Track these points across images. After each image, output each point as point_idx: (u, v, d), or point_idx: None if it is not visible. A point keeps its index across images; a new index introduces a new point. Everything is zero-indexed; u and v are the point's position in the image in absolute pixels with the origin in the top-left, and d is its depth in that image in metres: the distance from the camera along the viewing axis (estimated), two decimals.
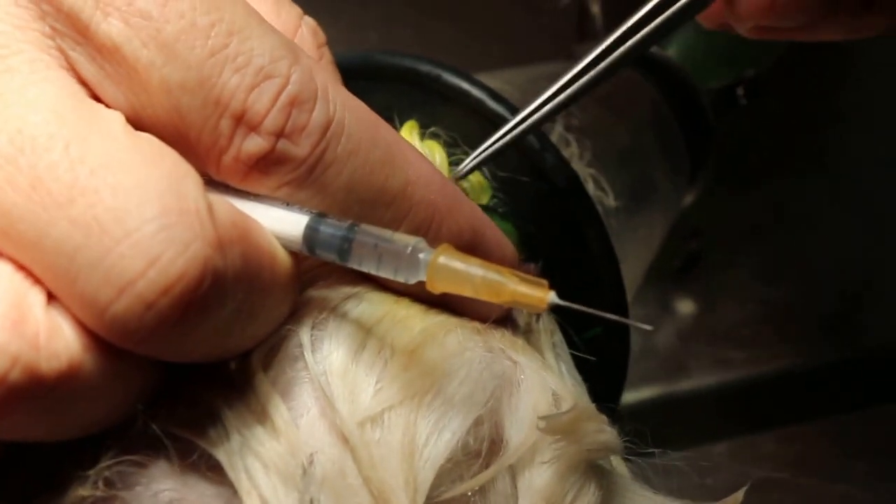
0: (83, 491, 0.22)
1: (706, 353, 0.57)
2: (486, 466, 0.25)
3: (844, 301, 0.61)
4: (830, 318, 0.59)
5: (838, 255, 0.62)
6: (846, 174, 0.66)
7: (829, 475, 0.51)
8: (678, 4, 0.32)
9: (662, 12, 0.32)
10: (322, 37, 0.29)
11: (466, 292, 0.23)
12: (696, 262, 0.60)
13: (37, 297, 0.21)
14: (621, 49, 0.32)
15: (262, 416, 0.24)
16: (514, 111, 0.33)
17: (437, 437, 0.24)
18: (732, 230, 0.63)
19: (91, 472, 0.23)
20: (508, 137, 0.32)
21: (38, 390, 0.20)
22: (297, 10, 0.28)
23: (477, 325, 0.28)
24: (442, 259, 0.23)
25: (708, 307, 0.60)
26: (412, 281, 0.23)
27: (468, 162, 0.32)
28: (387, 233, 0.24)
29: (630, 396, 0.38)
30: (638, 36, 0.32)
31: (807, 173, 0.65)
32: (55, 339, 0.21)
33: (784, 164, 0.66)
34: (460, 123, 0.34)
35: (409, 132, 0.33)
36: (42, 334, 0.20)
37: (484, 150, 0.32)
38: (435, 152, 0.33)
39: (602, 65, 0.32)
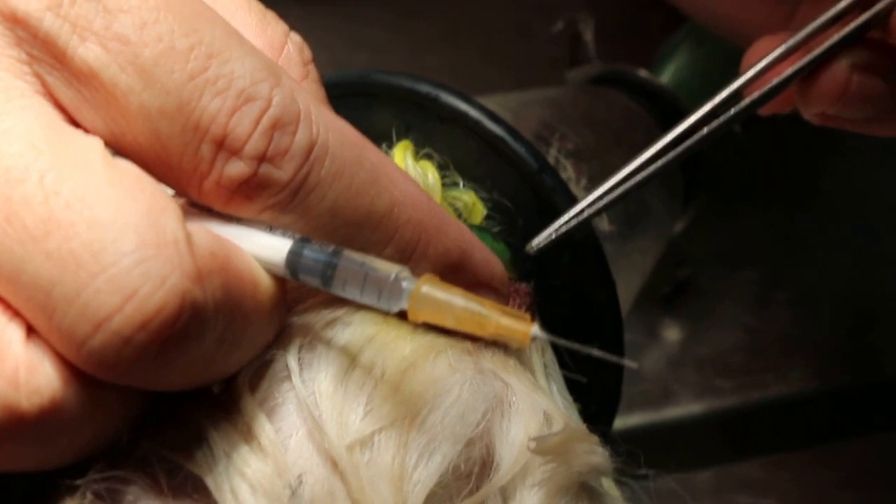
0: (72, 501, 0.22)
1: (693, 381, 0.58)
2: (477, 489, 0.25)
3: (833, 330, 0.61)
4: (819, 346, 0.60)
5: (827, 285, 0.63)
6: (835, 204, 0.66)
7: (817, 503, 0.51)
8: (751, 98, 0.33)
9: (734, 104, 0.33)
10: (308, 54, 0.28)
11: (448, 323, 0.23)
12: (684, 290, 0.60)
13: (15, 331, 0.21)
14: (696, 137, 0.33)
15: (249, 437, 0.24)
16: (512, 133, 0.33)
17: (428, 461, 0.24)
18: (721, 258, 0.63)
19: (80, 483, 0.22)
20: (581, 217, 0.32)
21: (19, 428, 0.20)
22: (283, 26, 0.28)
23: (468, 345, 0.27)
24: (425, 289, 0.23)
25: (696, 334, 0.60)
26: (394, 309, 0.23)
27: (543, 238, 0.32)
28: (371, 260, 0.23)
29: (617, 422, 0.38)
30: (714, 123, 0.33)
31: (796, 203, 0.66)
32: (35, 375, 0.20)
33: (773, 193, 0.66)
34: (458, 144, 0.34)
35: (403, 152, 0.33)
36: (22, 371, 0.20)
37: (558, 228, 0.32)
38: (428, 172, 0.33)
39: (675, 151, 0.33)
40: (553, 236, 0.32)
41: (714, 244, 0.63)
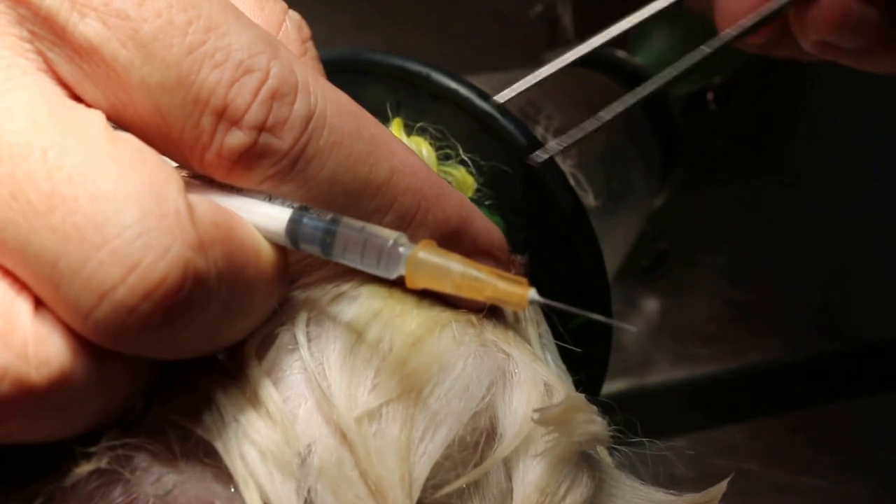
0: (88, 466, 0.23)
1: (673, 350, 0.58)
2: (482, 459, 0.25)
3: (807, 300, 0.62)
4: (793, 316, 0.60)
5: (801, 256, 0.63)
6: (809, 179, 0.67)
7: (796, 467, 0.52)
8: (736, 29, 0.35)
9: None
10: (307, 31, 0.29)
11: (447, 289, 0.23)
12: (663, 262, 0.60)
13: (23, 304, 0.21)
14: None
15: (256, 403, 0.24)
16: (501, 110, 0.34)
17: (433, 434, 0.25)
18: (698, 231, 0.63)
19: (94, 450, 0.23)
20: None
21: (29, 399, 0.21)
22: (281, 4, 0.28)
23: (471, 317, 0.28)
24: (422, 254, 0.23)
25: (674, 305, 0.60)
26: (393, 275, 0.23)
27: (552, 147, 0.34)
28: (369, 227, 0.24)
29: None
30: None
31: (771, 177, 0.66)
32: (44, 347, 0.21)
33: (749, 167, 0.67)
34: (449, 121, 0.34)
35: (397, 130, 0.34)
36: (31, 344, 0.20)
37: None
38: (422, 147, 0.33)
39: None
40: (560, 147, 0.34)
41: (690, 218, 0.63)
